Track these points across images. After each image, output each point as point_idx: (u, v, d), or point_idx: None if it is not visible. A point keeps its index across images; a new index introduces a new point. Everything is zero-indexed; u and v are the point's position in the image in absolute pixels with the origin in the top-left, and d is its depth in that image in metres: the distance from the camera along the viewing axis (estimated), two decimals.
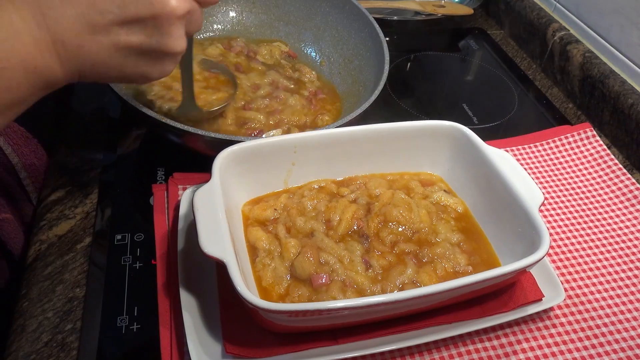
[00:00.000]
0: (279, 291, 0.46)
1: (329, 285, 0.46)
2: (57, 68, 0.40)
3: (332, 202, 0.53)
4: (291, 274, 0.47)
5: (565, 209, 0.62)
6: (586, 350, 0.48)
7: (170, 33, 0.42)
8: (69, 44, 0.39)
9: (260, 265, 0.47)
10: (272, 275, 0.47)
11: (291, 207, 0.52)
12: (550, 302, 0.49)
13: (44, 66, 0.39)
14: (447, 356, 0.47)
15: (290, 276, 0.47)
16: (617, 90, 0.73)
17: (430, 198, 0.56)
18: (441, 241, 0.51)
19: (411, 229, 0.52)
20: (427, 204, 0.55)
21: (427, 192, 0.56)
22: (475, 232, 0.53)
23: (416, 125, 0.57)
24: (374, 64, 0.68)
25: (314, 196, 0.54)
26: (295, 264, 0.47)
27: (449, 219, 0.54)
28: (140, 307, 0.49)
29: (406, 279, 0.47)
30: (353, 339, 0.45)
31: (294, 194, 0.54)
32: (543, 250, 0.44)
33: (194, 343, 0.44)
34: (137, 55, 0.42)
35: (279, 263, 0.47)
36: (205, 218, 0.44)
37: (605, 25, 0.79)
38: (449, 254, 0.50)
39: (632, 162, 0.71)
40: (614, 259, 0.57)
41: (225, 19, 0.77)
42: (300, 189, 0.55)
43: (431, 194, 0.56)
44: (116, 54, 0.41)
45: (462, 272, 0.49)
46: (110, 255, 0.53)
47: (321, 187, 0.56)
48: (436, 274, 0.49)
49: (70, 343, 0.46)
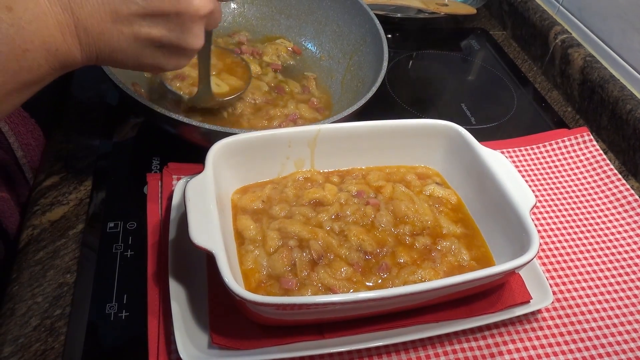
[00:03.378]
0: (259, 278, 0.46)
1: (297, 290, 0.46)
2: (77, 52, 0.40)
3: (314, 188, 0.53)
4: (267, 267, 0.47)
5: (558, 213, 0.63)
6: (572, 353, 0.49)
7: (191, 31, 0.43)
8: (91, 30, 0.40)
9: (243, 251, 0.48)
10: (253, 262, 0.47)
11: (274, 197, 0.53)
12: (538, 304, 0.49)
13: (65, 49, 0.39)
14: (433, 354, 0.48)
15: (266, 269, 0.47)
16: (616, 96, 0.73)
17: (424, 191, 0.56)
18: (446, 234, 0.52)
19: (421, 223, 0.52)
20: (425, 197, 0.55)
21: (421, 184, 0.56)
22: (470, 225, 0.54)
23: (412, 123, 0.58)
24: (373, 60, 0.68)
25: (298, 186, 0.54)
26: (270, 261, 0.47)
27: (447, 211, 0.54)
28: (130, 295, 0.49)
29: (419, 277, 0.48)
30: (340, 334, 0.45)
31: (278, 184, 0.54)
32: (532, 253, 0.44)
33: (181, 333, 0.44)
34: (155, 47, 0.43)
35: (261, 252, 0.48)
36: (196, 209, 0.44)
37: (607, 29, 0.79)
38: (454, 249, 0.50)
39: (627, 168, 0.71)
40: (604, 264, 0.57)
41: (226, 10, 0.77)
42: (284, 179, 0.55)
43: (424, 187, 0.56)
44: (135, 44, 0.42)
45: (467, 266, 0.50)
46: (102, 243, 0.53)
47: (306, 177, 0.56)
48: (443, 270, 0.49)
49: (58, 328, 0.47)
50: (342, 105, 0.68)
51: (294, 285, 0.46)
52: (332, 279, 0.46)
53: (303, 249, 0.48)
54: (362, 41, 0.71)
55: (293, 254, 0.47)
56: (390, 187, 0.55)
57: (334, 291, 0.46)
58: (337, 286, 0.46)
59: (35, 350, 0.45)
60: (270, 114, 0.65)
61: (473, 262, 0.50)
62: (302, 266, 0.47)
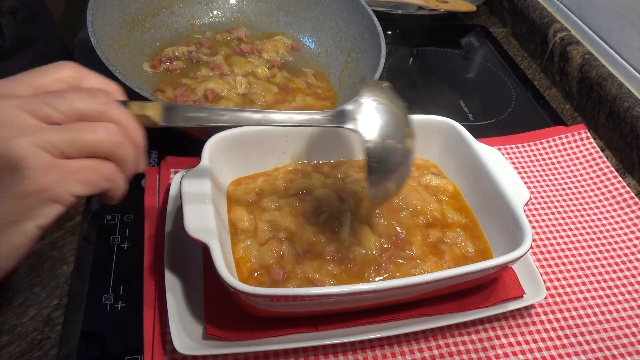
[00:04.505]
0: (250, 267, 0.47)
1: (285, 282, 0.46)
2: None
3: (304, 179, 0.54)
4: (257, 257, 0.48)
5: (554, 209, 0.63)
6: (564, 348, 0.49)
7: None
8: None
9: (236, 241, 0.48)
10: (245, 251, 0.47)
11: (266, 189, 0.53)
12: (531, 299, 0.50)
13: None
14: (426, 348, 0.48)
15: (256, 259, 0.48)
16: (614, 93, 0.73)
17: (421, 181, 0.56)
18: (452, 224, 0.52)
19: (431, 214, 0.53)
20: (423, 187, 0.56)
21: (419, 175, 0.57)
22: (470, 216, 0.54)
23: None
24: (371, 57, 0.68)
25: (289, 178, 0.54)
26: (260, 251, 0.48)
27: (448, 200, 0.55)
28: (126, 287, 0.50)
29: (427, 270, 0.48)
30: (333, 326, 0.46)
31: (270, 176, 0.55)
32: (525, 247, 0.44)
33: (176, 324, 0.44)
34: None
35: (252, 242, 0.48)
36: (191, 201, 0.45)
37: (606, 27, 0.79)
38: (460, 241, 0.51)
39: (624, 165, 0.71)
40: (598, 260, 0.57)
41: (225, 5, 0.77)
42: (276, 171, 0.55)
43: (421, 177, 0.56)
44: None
45: (471, 258, 0.50)
46: (100, 235, 0.54)
47: (297, 169, 0.56)
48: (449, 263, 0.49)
49: (55, 318, 0.47)
50: (340, 101, 0.68)
51: (282, 277, 0.46)
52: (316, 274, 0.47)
53: (292, 242, 0.48)
54: (361, 38, 0.72)
55: (282, 247, 0.48)
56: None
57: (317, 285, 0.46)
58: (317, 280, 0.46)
59: (32, 339, 0.46)
60: (281, 109, 0.66)
61: (476, 253, 0.51)
62: (290, 259, 0.47)
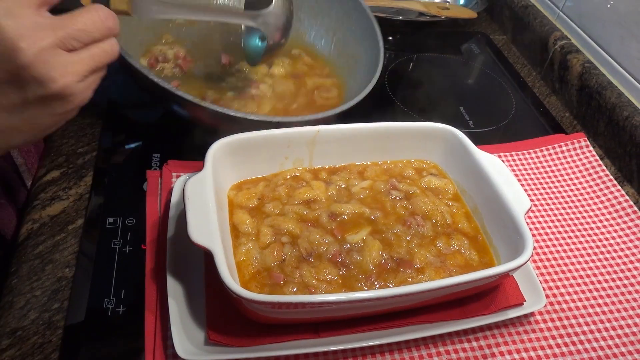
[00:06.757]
0: (252, 271, 0.47)
1: (283, 285, 0.46)
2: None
3: (303, 187, 0.54)
4: (259, 260, 0.48)
5: (553, 217, 0.63)
6: (563, 356, 0.49)
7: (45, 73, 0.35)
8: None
9: (237, 244, 0.48)
10: (246, 255, 0.47)
11: (267, 194, 0.53)
12: (531, 307, 0.50)
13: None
14: (426, 355, 0.48)
15: (258, 262, 0.48)
16: (614, 102, 0.73)
17: (422, 182, 0.57)
18: (457, 230, 0.53)
19: (441, 220, 0.53)
20: (424, 189, 0.56)
21: (418, 177, 0.57)
22: (469, 221, 0.54)
23: (411, 125, 0.58)
24: (370, 62, 0.69)
25: (288, 184, 0.54)
26: (261, 254, 0.48)
27: (454, 205, 0.55)
28: (127, 291, 0.50)
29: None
30: (335, 333, 0.46)
31: (270, 181, 0.55)
32: (526, 256, 0.45)
33: (178, 329, 0.44)
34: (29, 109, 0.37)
35: (254, 246, 0.48)
36: (195, 207, 0.45)
37: (606, 36, 0.80)
38: (463, 249, 0.51)
39: (623, 174, 0.71)
40: (597, 269, 0.58)
41: None
42: (275, 176, 0.56)
43: (421, 179, 0.57)
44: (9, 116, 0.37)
45: (473, 265, 0.50)
46: (101, 238, 0.54)
47: (295, 176, 0.56)
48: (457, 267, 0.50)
49: (56, 322, 0.47)
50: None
51: (281, 280, 0.46)
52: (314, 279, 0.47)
53: (294, 246, 0.49)
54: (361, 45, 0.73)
55: (284, 250, 0.48)
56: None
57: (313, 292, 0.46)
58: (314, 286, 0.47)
59: (33, 343, 0.46)
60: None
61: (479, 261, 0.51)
62: (291, 262, 0.47)
